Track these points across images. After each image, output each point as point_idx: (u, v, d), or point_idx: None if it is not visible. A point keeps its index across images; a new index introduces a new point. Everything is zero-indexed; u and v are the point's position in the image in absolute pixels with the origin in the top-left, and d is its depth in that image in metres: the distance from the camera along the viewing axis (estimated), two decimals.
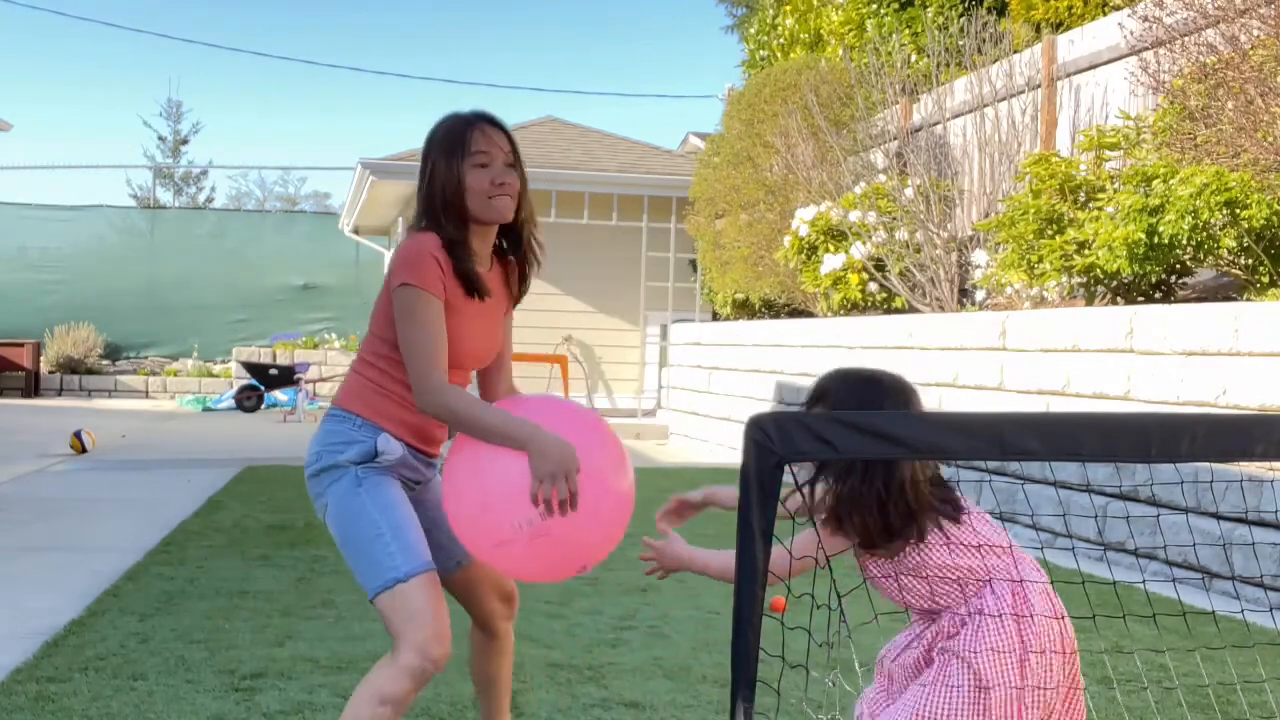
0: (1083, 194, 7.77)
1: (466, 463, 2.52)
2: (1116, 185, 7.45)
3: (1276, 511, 5.24)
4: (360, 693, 2.51)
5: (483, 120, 2.70)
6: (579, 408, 2.75)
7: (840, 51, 13.99)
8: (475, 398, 2.58)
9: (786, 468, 1.49)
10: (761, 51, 18.04)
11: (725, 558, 2.32)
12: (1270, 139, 6.46)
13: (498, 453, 2.46)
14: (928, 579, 2.26)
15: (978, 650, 2.17)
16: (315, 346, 21.24)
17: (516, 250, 2.78)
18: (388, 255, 21.89)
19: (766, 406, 11.19)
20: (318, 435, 2.66)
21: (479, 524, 2.50)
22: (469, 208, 2.61)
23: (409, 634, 2.51)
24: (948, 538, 2.24)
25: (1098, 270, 7.11)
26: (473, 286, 2.61)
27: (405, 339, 2.53)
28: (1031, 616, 2.21)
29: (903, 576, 2.29)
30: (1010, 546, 2.31)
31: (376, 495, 2.59)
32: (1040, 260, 7.61)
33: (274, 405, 18.14)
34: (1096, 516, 6.34)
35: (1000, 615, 2.20)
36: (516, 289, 2.85)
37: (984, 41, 10.41)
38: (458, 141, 2.64)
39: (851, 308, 10.43)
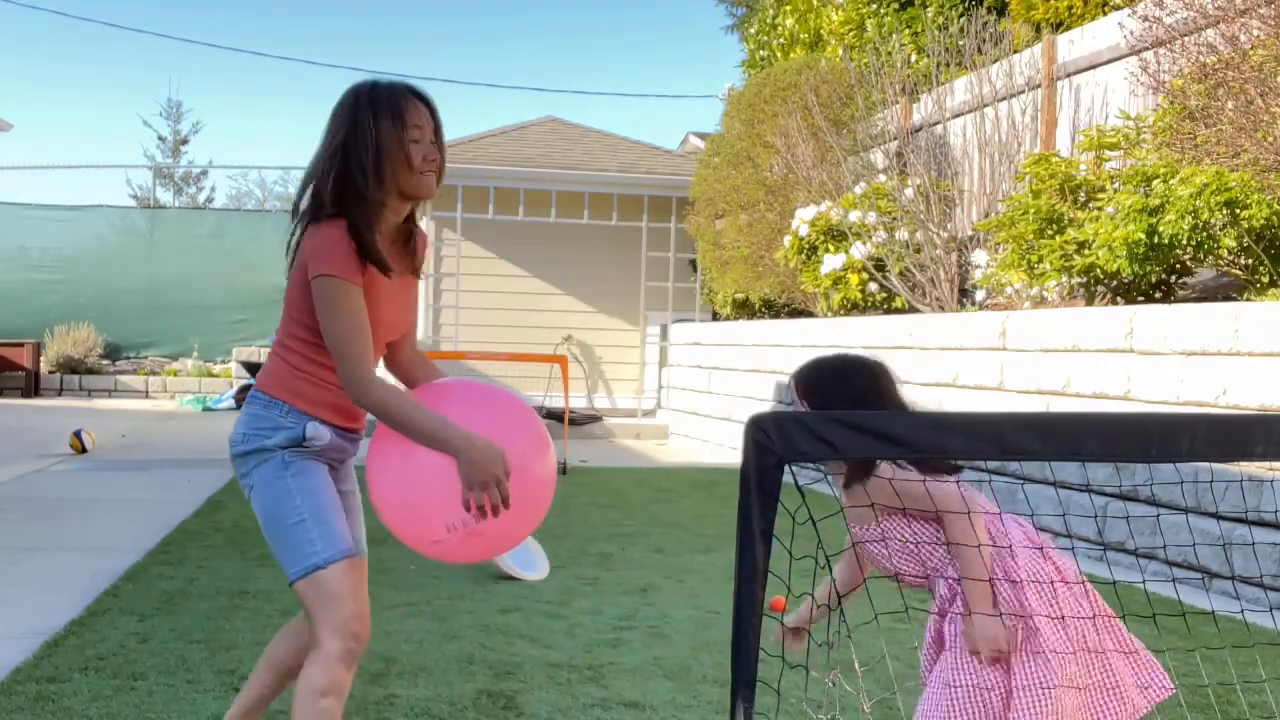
0: (1083, 194, 7.77)
1: (396, 462, 2.55)
2: (1116, 185, 7.45)
3: (1276, 511, 5.24)
4: (298, 697, 2.54)
5: (413, 92, 2.64)
6: (496, 391, 2.74)
7: (840, 51, 13.99)
8: (406, 395, 2.58)
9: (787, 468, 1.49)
10: (761, 51, 18.04)
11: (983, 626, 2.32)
12: (1270, 139, 6.46)
13: (428, 453, 2.49)
14: (915, 541, 2.34)
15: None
16: None
17: (411, 223, 2.75)
18: None
19: (766, 406, 11.19)
20: (243, 418, 2.67)
21: (412, 522, 2.55)
22: (399, 179, 2.59)
23: (328, 617, 2.54)
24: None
25: (1098, 270, 7.11)
26: (383, 268, 2.59)
27: (330, 330, 2.52)
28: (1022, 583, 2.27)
29: (890, 540, 2.35)
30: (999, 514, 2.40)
31: (302, 480, 2.60)
32: (1040, 260, 7.61)
33: None
34: (1096, 516, 6.34)
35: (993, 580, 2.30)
36: (417, 260, 2.80)
37: (984, 41, 10.41)
38: (390, 106, 2.58)
39: (851, 308, 10.43)
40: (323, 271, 2.51)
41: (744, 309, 13.44)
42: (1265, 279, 6.53)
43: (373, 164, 2.56)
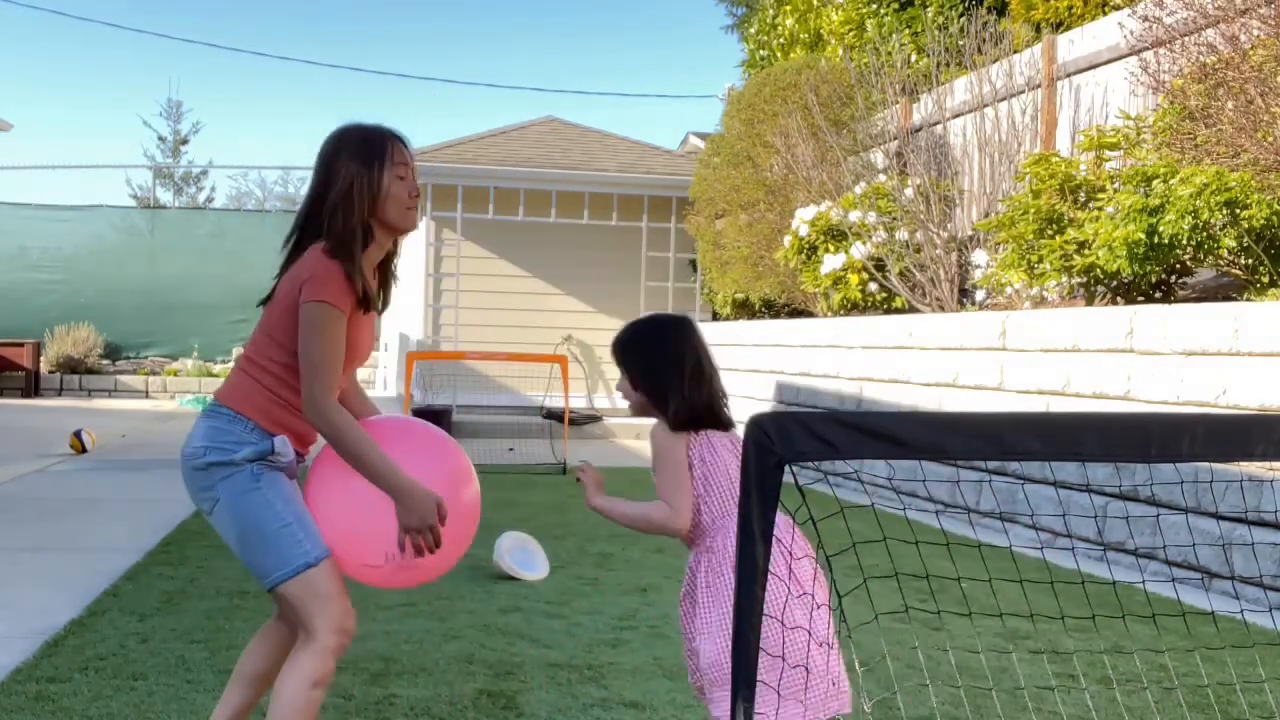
0: (1083, 194, 7.76)
1: (338, 485, 2.69)
2: (1116, 185, 7.45)
3: (1276, 511, 5.24)
4: (289, 683, 2.62)
5: (394, 135, 2.82)
6: (425, 429, 2.87)
7: (840, 51, 13.99)
8: (359, 428, 2.66)
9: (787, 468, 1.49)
10: (761, 51, 18.04)
11: (629, 508, 2.68)
12: (1270, 139, 6.46)
13: (369, 485, 2.62)
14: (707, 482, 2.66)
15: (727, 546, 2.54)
16: None
17: (388, 262, 2.90)
18: None
19: (766, 406, 11.19)
20: (203, 431, 2.72)
21: (350, 545, 2.69)
22: (388, 216, 2.75)
23: (325, 612, 2.64)
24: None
25: (1098, 270, 7.12)
26: (370, 305, 2.76)
27: (308, 352, 2.63)
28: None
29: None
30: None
31: (277, 489, 2.69)
32: (1040, 260, 7.61)
33: None
34: (1096, 516, 6.34)
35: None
36: (387, 296, 2.94)
37: (984, 41, 10.41)
38: (378, 150, 2.76)
39: (851, 308, 10.43)
40: (319, 298, 2.63)
41: (744, 309, 13.44)
42: (1265, 279, 6.53)
43: (369, 202, 2.72)
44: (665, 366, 2.68)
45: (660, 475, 2.63)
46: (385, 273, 2.89)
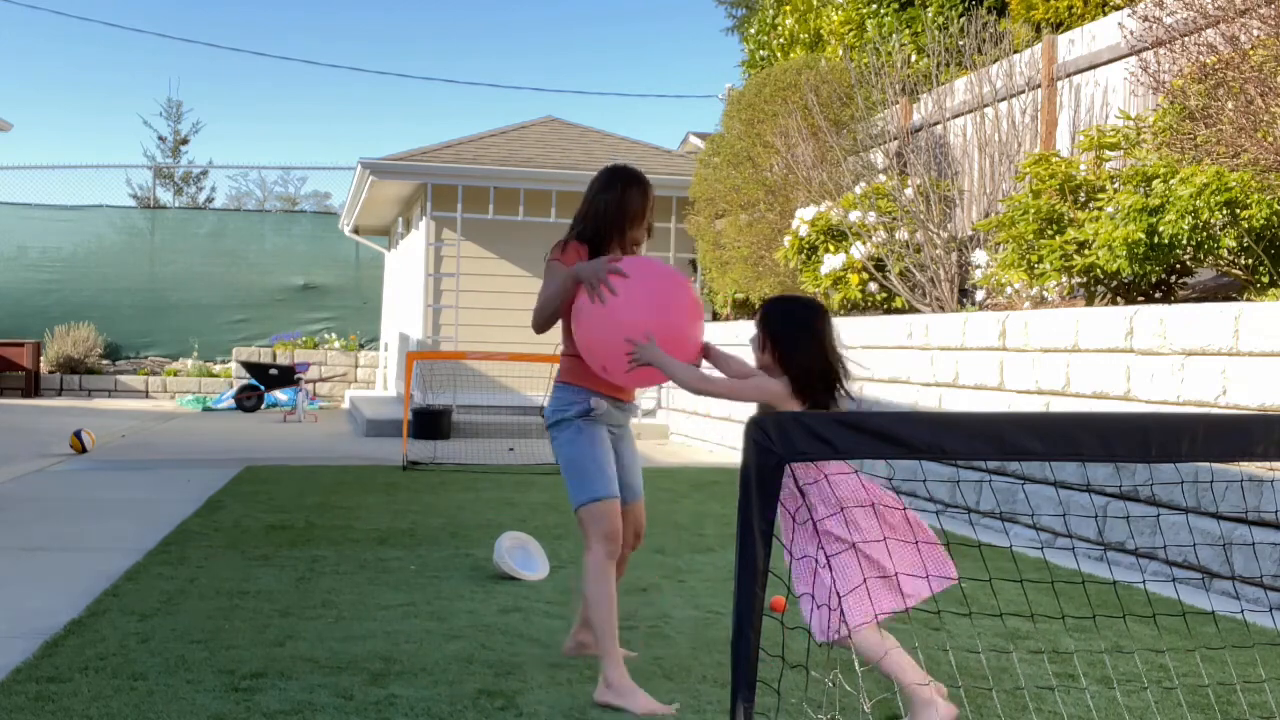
0: (1083, 194, 7.76)
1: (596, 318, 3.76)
2: (1116, 185, 7.45)
3: (1276, 511, 5.24)
4: (589, 580, 3.83)
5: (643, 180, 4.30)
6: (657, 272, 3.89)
7: (840, 51, 13.99)
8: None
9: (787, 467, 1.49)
10: (761, 51, 18.04)
11: (690, 372, 3.53)
12: (1270, 139, 6.46)
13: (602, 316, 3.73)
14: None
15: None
16: (315, 346, 21.24)
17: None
18: (388, 255, 21.91)
19: None
20: (551, 401, 3.92)
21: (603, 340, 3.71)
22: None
23: (596, 533, 3.79)
24: None
25: (1098, 270, 7.11)
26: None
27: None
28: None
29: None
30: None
31: (592, 439, 3.84)
32: (1040, 260, 7.61)
33: (274, 405, 18.15)
34: (1096, 516, 6.34)
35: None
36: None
37: (984, 41, 10.40)
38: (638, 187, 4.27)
39: (851, 308, 10.43)
40: (548, 256, 3.97)
41: (744, 309, 13.44)
42: (1265, 279, 6.53)
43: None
44: (796, 338, 3.32)
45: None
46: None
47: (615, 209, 4.06)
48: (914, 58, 12.84)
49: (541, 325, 3.87)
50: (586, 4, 55.86)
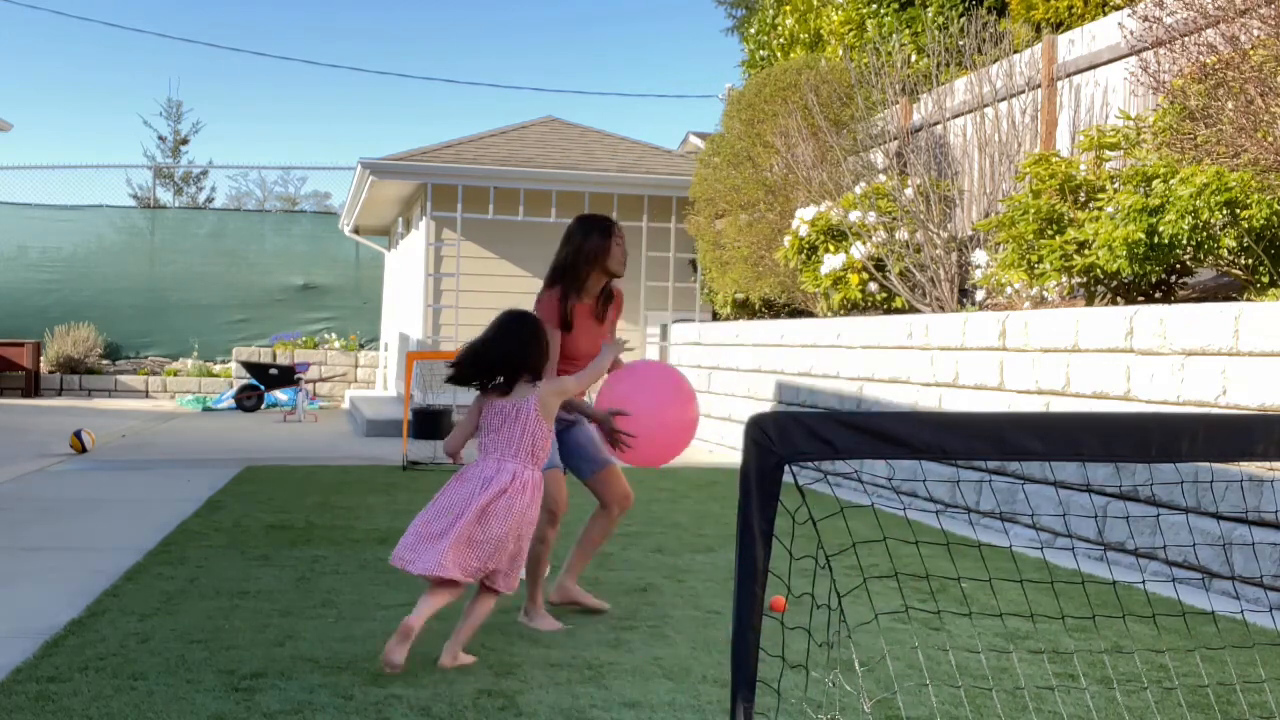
0: (1083, 194, 7.76)
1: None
2: (1116, 185, 7.45)
3: (1276, 511, 5.24)
4: (601, 528, 4.87)
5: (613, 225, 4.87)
6: (651, 372, 4.89)
7: (840, 51, 13.99)
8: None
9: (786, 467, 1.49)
10: (761, 51, 18.04)
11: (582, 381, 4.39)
12: (1270, 139, 6.46)
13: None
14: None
15: None
16: (315, 346, 21.25)
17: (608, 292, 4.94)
18: (388, 255, 21.90)
19: (767, 406, 11.19)
20: None
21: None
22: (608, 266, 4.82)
23: (612, 498, 4.84)
24: None
25: (1098, 270, 7.11)
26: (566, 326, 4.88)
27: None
28: None
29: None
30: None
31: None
32: (1040, 260, 7.61)
33: (274, 405, 18.15)
34: (1096, 516, 6.34)
35: None
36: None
37: (984, 41, 10.41)
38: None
39: (851, 308, 10.43)
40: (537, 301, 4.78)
41: (744, 309, 13.44)
42: (1265, 279, 6.53)
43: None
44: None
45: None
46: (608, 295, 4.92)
47: (577, 256, 4.76)
48: (914, 58, 12.84)
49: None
50: (586, 4, 55.86)
